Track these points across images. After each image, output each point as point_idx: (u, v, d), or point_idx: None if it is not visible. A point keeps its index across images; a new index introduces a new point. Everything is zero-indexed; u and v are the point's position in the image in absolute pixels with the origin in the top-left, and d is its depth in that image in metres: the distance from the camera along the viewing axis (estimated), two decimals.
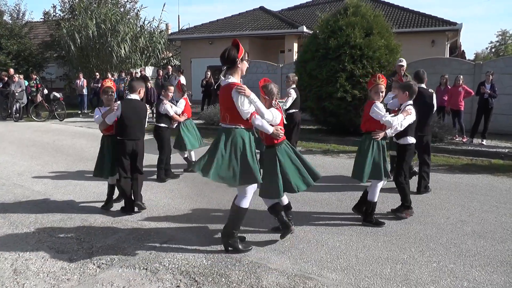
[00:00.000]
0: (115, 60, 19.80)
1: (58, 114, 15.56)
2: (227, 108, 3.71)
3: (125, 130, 4.90)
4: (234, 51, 3.72)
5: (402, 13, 20.57)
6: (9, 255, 3.94)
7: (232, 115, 3.70)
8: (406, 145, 4.97)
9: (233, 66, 3.74)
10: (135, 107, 4.99)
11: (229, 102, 3.67)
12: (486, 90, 9.56)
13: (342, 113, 10.14)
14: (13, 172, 7.32)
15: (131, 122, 4.91)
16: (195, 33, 21.81)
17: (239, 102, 3.63)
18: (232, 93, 3.64)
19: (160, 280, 3.46)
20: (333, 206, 5.39)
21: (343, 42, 10.16)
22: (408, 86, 4.88)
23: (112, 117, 4.91)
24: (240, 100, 3.63)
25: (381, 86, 4.58)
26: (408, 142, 4.96)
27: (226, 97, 3.68)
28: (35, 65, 22.43)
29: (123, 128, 4.91)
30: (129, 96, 5.06)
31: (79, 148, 9.67)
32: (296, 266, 3.69)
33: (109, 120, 4.95)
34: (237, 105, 3.64)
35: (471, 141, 9.78)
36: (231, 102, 3.66)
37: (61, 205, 5.48)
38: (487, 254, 3.94)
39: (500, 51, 55.29)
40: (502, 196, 5.81)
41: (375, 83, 4.61)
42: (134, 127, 4.94)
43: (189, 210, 5.27)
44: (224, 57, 3.72)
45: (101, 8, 21.03)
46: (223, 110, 3.78)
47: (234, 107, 3.66)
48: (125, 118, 4.88)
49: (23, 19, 25.83)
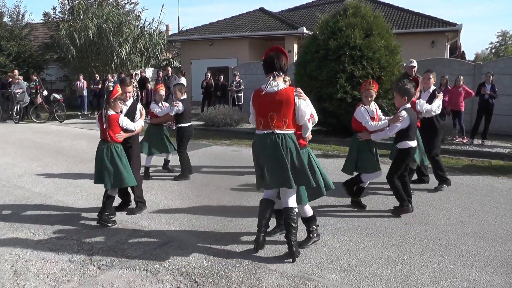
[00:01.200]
0: (116, 61, 19.80)
1: (58, 115, 15.58)
2: (285, 113, 3.67)
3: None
4: (285, 60, 3.78)
5: (402, 14, 20.58)
6: (9, 257, 3.94)
7: (289, 119, 3.70)
8: (403, 150, 4.93)
9: (283, 73, 3.76)
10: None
11: (289, 107, 3.66)
12: (487, 91, 9.56)
13: (342, 114, 10.13)
14: (13, 173, 7.32)
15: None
16: (195, 34, 21.83)
17: (301, 106, 3.69)
18: (294, 98, 3.67)
19: (161, 281, 3.46)
20: (333, 207, 5.39)
21: (343, 43, 10.17)
22: (406, 91, 4.88)
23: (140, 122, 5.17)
24: (302, 104, 3.69)
25: (371, 91, 5.00)
26: (404, 146, 4.91)
27: (286, 102, 3.65)
28: (35, 66, 22.44)
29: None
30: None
31: (79, 150, 9.67)
32: (296, 267, 3.68)
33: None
34: (298, 109, 3.69)
35: (471, 142, 9.78)
36: (291, 107, 3.67)
37: (61, 206, 5.48)
38: (487, 254, 3.94)
39: (500, 52, 55.33)
40: (503, 197, 5.81)
41: (365, 88, 5.05)
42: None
43: (189, 211, 5.27)
44: (275, 65, 3.71)
45: (104, 8, 21.02)
46: (279, 115, 3.67)
47: (292, 112, 3.69)
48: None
49: (22, 20, 25.85)
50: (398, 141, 4.96)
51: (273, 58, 3.73)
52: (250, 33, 20.05)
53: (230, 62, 19.05)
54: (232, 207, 5.43)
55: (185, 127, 6.84)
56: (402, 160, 4.97)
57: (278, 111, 3.66)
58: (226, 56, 20.24)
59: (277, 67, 3.71)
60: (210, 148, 9.95)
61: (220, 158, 8.67)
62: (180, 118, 6.79)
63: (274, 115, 3.66)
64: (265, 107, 3.71)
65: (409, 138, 4.88)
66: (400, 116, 4.77)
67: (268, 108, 3.69)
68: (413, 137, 4.94)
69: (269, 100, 3.68)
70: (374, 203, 5.41)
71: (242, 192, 6.06)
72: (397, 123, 4.78)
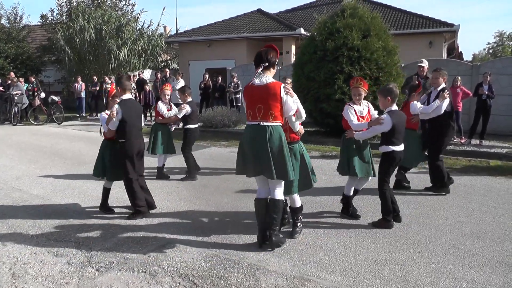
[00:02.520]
0: (113, 63, 19.78)
1: (56, 117, 15.55)
2: (271, 106, 3.79)
3: (130, 131, 4.91)
4: (274, 53, 3.96)
5: (400, 14, 20.61)
6: (7, 259, 3.93)
7: (276, 112, 3.82)
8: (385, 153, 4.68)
9: (271, 67, 3.92)
10: (133, 107, 5.04)
11: (276, 100, 3.79)
12: (485, 91, 9.59)
13: (340, 115, 10.09)
14: (11, 176, 7.31)
15: (133, 121, 4.93)
16: (193, 35, 21.82)
17: (288, 101, 3.83)
18: (281, 93, 3.80)
19: (159, 283, 3.46)
20: (331, 208, 5.39)
21: (341, 44, 10.18)
22: (389, 91, 4.63)
23: (115, 122, 4.88)
24: (289, 99, 3.84)
25: (359, 89, 4.85)
26: (386, 150, 4.63)
27: (273, 95, 3.79)
28: (33, 68, 22.42)
29: (126, 129, 4.90)
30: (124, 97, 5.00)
31: (77, 152, 9.65)
32: (295, 268, 3.68)
33: (113, 126, 4.92)
34: (285, 104, 3.83)
35: (469, 142, 9.80)
36: (277, 101, 3.80)
37: (60, 208, 5.47)
38: (486, 254, 3.94)
39: (498, 52, 55.45)
40: (500, 197, 5.82)
41: (354, 85, 4.93)
42: (137, 126, 5.02)
43: (188, 213, 5.27)
44: (262, 57, 3.88)
45: (101, 9, 21.01)
46: (265, 108, 3.80)
47: (279, 105, 3.81)
48: (127, 119, 4.87)
49: (20, 22, 25.84)
50: (381, 144, 4.69)
51: (261, 52, 3.93)
52: (248, 34, 20.06)
53: (228, 63, 19.05)
54: (231, 208, 5.43)
55: (192, 129, 6.99)
56: (384, 164, 4.67)
57: (265, 103, 3.79)
58: (224, 57, 20.24)
59: (264, 59, 3.86)
60: (209, 149, 9.95)
61: (218, 160, 8.67)
62: (188, 119, 6.91)
63: (262, 108, 3.80)
64: (253, 100, 3.86)
65: (392, 142, 4.55)
66: (381, 119, 4.56)
67: (255, 101, 3.84)
68: (397, 142, 4.58)
69: (257, 93, 3.84)
70: (373, 203, 5.41)
71: (241, 194, 6.06)
72: (377, 126, 4.60)
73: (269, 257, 3.91)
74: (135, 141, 4.98)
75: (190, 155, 6.96)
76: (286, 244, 4.16)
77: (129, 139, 4.92)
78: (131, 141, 4.92)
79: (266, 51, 3.92)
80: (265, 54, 3.89)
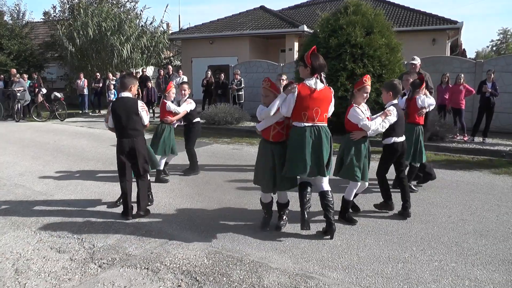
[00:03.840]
0: (116, 60, 19.77)
1: (59, 114, 15.58)
2: (326, 109, 4.22)
3: (119, 130, 4.88)
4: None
5: (403, 11, 20.53)
6: (10, 255, 3.94)
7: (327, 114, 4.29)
8: (387, 145, 4.89)
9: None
10: (123, 105, 4.86)
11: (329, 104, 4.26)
12: (488, 89, 9.54)
13: (343, 113, 10.08)
14: (14, 172, 7.33)
15: (121, 120, 4.83)
16: (196, 32, 21.80)
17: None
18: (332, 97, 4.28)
19: (161, 279, 3.46)
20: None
21: (344, 41, 10.15)
22: (392, 86, 4.85)
23: (111, 119, 4.89)
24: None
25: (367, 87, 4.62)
26: (388, 142, 4.87)
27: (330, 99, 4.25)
28: (36, 65, 22.45)
29: (117, 127, 4.90)
30: (121, 94, 4.93)
31: (80, 148, 9.67)
32: (298, 265, 3.68)
33: (111, 123, 4.93)
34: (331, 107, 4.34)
35: (472, 140, 9.76)
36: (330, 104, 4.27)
37: (62, 205, 5.48)
38: (489, 252, 3.93)
39: (502, 50, 55.27)
40: (504, 195, 5.80)
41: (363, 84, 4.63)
42: (126, 125, 4.84)
43: (190, 209, 5.27)
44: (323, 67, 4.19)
45: (103, 7, 20.98)
46: (323, 110, 4.18)
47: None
48: (114, 118, 4.87)
49: (23, 19, 25.84)
50: (384, 138, 4.91)
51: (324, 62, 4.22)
52: (251, 31, 20.01)
53: (230, 60, 19.03)
54: (233, 205, 5.43)
55: (198, 123, 7.08)
56: (386, 155, 4.97)
57: (322, 106, 4.16)
58: (227, 54, 20.22)
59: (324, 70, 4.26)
60: (211, 146, 9.94)
61: (220, 157, 8.67)
62: (192, 114, 6.90)
63: (318, 110, 4.13)
64: (313, 102, 4.10)
65: (395, 133, 4.83)
66: (388, 110, 4.71)
67: (315, 103, 4.11)
68: (400, 133, 4.87)
69: (317, 96, 4.11)
70: (375, 201, 5.40)
71: (243, 191, 6.05)
72: (387, 117, 4.69)
73: (272, 254, 3.91)
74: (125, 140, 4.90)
75: (193, 150, 7.01)
76: (288, 241, 4.17)
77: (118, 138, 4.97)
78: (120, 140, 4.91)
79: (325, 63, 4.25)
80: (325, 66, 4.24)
